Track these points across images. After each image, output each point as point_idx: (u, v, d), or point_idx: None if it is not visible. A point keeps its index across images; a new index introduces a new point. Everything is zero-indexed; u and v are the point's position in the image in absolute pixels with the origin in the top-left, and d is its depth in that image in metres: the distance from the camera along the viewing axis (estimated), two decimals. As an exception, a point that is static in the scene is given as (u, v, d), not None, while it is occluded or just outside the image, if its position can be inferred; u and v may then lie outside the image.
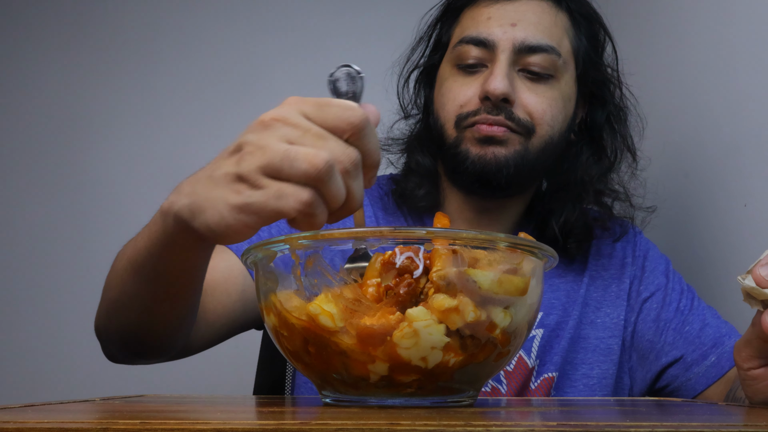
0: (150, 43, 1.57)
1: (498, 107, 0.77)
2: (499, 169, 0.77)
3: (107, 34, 1.57)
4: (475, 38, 0.80)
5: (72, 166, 1.51)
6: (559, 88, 0.81)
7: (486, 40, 0.79)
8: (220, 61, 1.56)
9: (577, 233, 0.84)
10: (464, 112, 0.79)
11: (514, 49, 0.78)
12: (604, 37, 0.88)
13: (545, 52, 0.79)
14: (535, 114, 0.79)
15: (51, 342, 1.42)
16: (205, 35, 1.57)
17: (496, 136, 0.77)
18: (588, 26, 0.86)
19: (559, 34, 0.81)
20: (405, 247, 0.45)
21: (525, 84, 0.79)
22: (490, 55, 0.80)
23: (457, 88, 0.81)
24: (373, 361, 0.42)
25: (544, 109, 0.79)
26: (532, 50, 0.78)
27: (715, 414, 0.45)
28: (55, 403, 0.46)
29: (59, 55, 1.56)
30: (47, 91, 1.54)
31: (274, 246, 0.45)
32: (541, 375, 0.81)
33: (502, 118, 0.77)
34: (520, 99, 0.78)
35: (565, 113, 0.82)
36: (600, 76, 0.86)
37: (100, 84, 1.54)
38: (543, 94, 0.79)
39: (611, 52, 0.89)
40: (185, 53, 1.56)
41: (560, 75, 0.81)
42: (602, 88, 0.87)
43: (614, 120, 0.87)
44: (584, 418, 0.43)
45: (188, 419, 0.34)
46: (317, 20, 1.59)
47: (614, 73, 0.88)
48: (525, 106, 0.78)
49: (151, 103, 1.53)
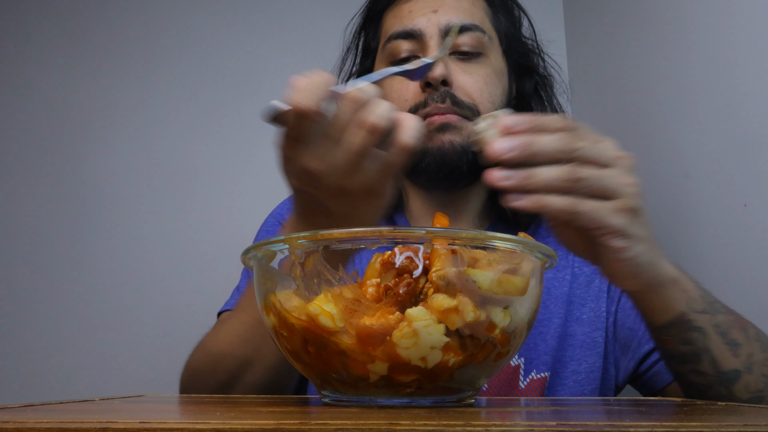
0: (150, 43, 1.57)
1: (441, 93, 0.79)
2: (459, 156, 0.79)
3: (107, 34, 1.57)
4: (402, 32, 0.83)
5: (72, 166, 1.51)
6: (490, 64, 0.83)
7: (413, 30, 0.82)
8: (220, 61, 1.56)
9: (524, 214, 0.85)
10: (413, 106, 0.80)
11: (441, 33, 0.81)
12: (519, 14, 0.92)
13: (470, 30, 0.82)
14: (474, 94, 0.80)
15: (51, 342, 1.42)
16: (205, 35, 1.57)
17: (449, 123, 0.78)
18: (502, 5, 0.89)
19: (479, 15, 0.84)
20: (404, 247, 0.45)
21: (458, 65, 0.81)
22: (420, 45, 0.82)
23: (398, 85, 0.82)
24: (372, 361, 0.42)
25: (480, 87, 0.81)
26: (458, 31, 0.81)
27: (715, 414, 0.45)
28: (54, 403, 0.46)
29: (59, 55, 1.56)
30: (47, 90, 1.54)
31: (274, 246, 0.46)
32: (529, 374, 0.81)
33: (449, 104, 0.78)
34: (457, 80, 0.80)
35: (501, 87, 0.84)
36: (523, 48, 0.90)
37: (99, 84, 1.54)
38: (476, 72, 0.81)
39: (528, 26, 0.93)
40: (185, 53, 1.56)
41: (488, 51, 0.83)
42: (526, 59, 0.90)
43: (540, 88, 0.91)
44: (584, 418, 0.43)
45: (188, 419, 0.34)
46: (317, 20, 1.59)
47: (534, 44, 0.92)
48: (462, 87, 0.80)
49: (150, 103, 1.53)
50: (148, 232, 1.45)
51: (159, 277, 1.43)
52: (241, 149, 1.48)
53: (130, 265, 1.44)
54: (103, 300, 1.41)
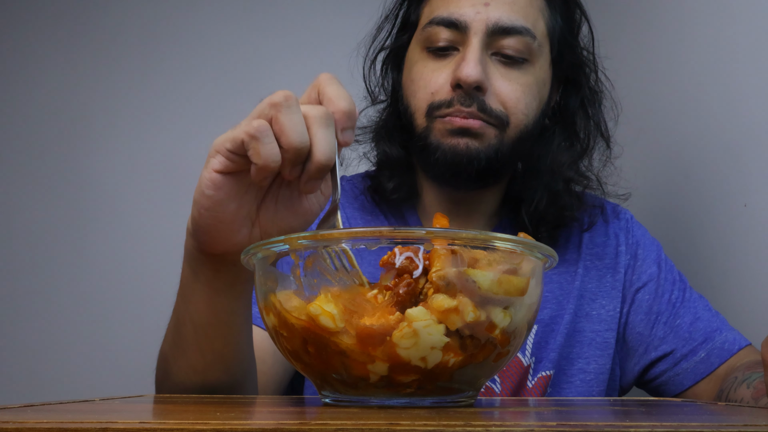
0: (150, 43, 1.57)
1: (471, 96, 0.74)
2: (470, 160, 0.74)
3: (107, 34, 1.57)
4: (445, 19, 0.76)
5: (72, 166, 1.51)
6: (534, 73, 0.77)
7: (458, 21, 0.75)
8: (220, 61, 1.56)
9: (548, 221, 0.81)
10: (436, 101, 0.76)
11: (488, 31, 0.74)
12: (581, 17, 0.84)
13: (520, 34, 0.75)
14: (509, 103, 0.75)
15: (51, 342, 1.42)
16: (205, 35, 1.57)
17: (471, 128, 0.74)
18: (564, 5, 0.82)
19: (534, 15, 0.77)
20: (404, 247, 0.45)
21: (498, 70, 0.76)
22: (462, 37, 0.75)
23: (428, 74, 0.77)
24: (372, 361, 0.42)
25: (518, 97, 0.75)
26: (507, 32, 0.74)
27: (715, 414, 0.45)
28: (54, 403, 0.46)
29: (59, 56, 1.56)
30: (47, 90, 1.54)
31: (274, 246, 0.46)
32: (537, 373, 0.80)
33: (475, 110, 0.73)
34: (494, 86, 0.75)
35: (539, 99, 0.79)
36: (575, 59, 0.83)
37: (99, 84, 1.54)
38: (517, 80, 0.76)
39: (587, 33, 0.85)
40: (185, 53, 1.56)
41: (535, 59, 0.77)
42: (577, 71, 0.83)
43: (588, 104, 0.84)
44: (584, 418, 0.43)
45: (187, 419, 0.34)
46: (317, 20, 1.59)
47: (590, 56, 0.85)
48: (498, 95, 0.75)
49: (150, 103, 1.53)
50: (148, 232, 1.45)
51: (159, 276, 1.43)
52: (241, 149, 1.48)
53: (130, 265, 1.44)
54: (103, 300, 1.41)
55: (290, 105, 0.45)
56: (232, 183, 0.49)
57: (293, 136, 0.45)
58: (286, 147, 0.46)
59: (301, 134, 0.45)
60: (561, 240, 0.84)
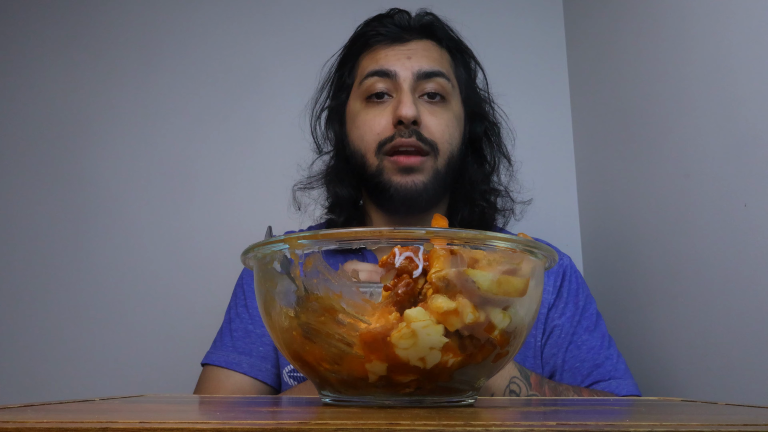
0: (150, 43, 1.57)
1: (409, 129, 0.90)
2: (419, 194, 0.90)
3: (107, 34, 1.57)
4: (379, 71, 0.94)
5: (72, 166, 1.51)
6: (452, 109, 0.95)
7: (389, 71, 0.93)
8: (220, 61, 1.56)
9: (476, 225, 0.98)
10: (383, 139, 0.91)
11: (414, 77, 0.92)
12: (475, 66, 1.05)
13: (438, 76, 0.94)
14: (437, 134, 0.92)
15: (51, 342, 1.42)
16: (205, 35, 1.57)
17: (413, 165, 0.90)
18: (462, 59, 1.02)
19: (445, 65, 0.97)
20: (404, 247, 0.45)
21: (426, 107, 0.93)
22: (394, 84, 0.93)
23: (371, 119, 0.93)
24: (371, 361, 0.42)
25: (443, 129, 0.92)
26: (428, 76, 0.93)
27: (715, 414, 0.45)
28: (54, 403, 0.46)
29: (59, 56, 1.56)
30: (46, 90, 1.54)
31: (274, 246, 0.46)
32: None
33: (414, 140, 0.89)
34: (424, 121, 0.91)
35: (459, 131, 0.96)
36: (477, 97, 1.03)
37: (99, 84, 1.54)
38: (441, 115, 0.93)
39: (483, 78, 1.07)
40: (185, 53, 1.56)
41: (451, 98, 0.95)
42: (479, 107, 1.02)
43: (490, 133, 1.04)
44: (584, 418, 0.43)
45: (187, 419, 0.34)
46: (318, 21, 1.59)
47: (487, 95, 1.06)
48: (428, 127, 0.91)
49: (150, 103, 1.53)
50: (148, 232, 1.45)
51: (159, 276, 1.43)
52: (241, 149, 1.49)
53: (130, 265, 1.44)
54: (103, 300, 1.41)
55: None
56: None
57: None
58: None
59: None
60: None
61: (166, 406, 0.48)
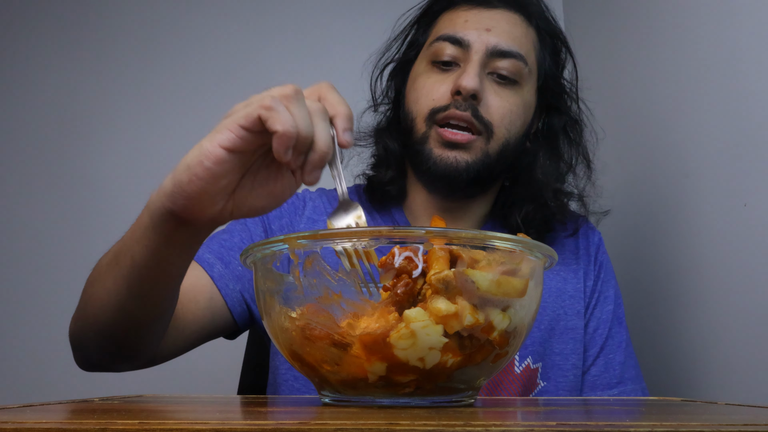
0: (150, 43, 1.57)
1: (467, 103, 0.82)
2: (459, 173, 0.83)
3: (107, 34, 1.57)
4: (451, 36, 0.86)
5: (71, 166, 1.51)
6: (522, 95, 0.87)
7: (462, 39, 0.85)
8: (219, 61, 1.56)
9: (536, 225, 0.90)
10: (437, 106, 0.84)
11: (487, 52, 0.84)
12: (566, 56, 0.95)
13: (514, 58, 0.85)
14: (496, 116, 0.84)
15: (50, 342, 1.41)
16: (205, 35, 1.57)
17: (459, 142, 0.82)
18: (552, 44, 0.92)
19: (527, 46, 0.87)
20: (404, 247, 0.45)
21: (492, 86, 0.85)
22: (464, 54, 0.85)
23: (431, 84, 0.86)
24: (370, 361, 0.42)
25: (504, 113, 0.84)
26: (503, 55, 0.84)
27: (715, 414, 0.45)
28: (53, 403, 0.46)
29: (59, 56, 1.56)
30: (46, 90, 1.54)
31: (274, 246, 0.45)
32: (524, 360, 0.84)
33: (468, 114, 0.82)
34: (486, 99, 0.84)
35: (523, 119, 0.87)
36: (558, 89, 0.93)
37: (99, 84, 1.54)
38: (507, 98, 0.85)
39: (572, 69, 0.96)
40: (185, 53, 1.56)
41: (524, 83, 0.86)
42: (559, 100, 0.93)
43: (570, 130, 0.94)
44: (584, 418, 0.43)
45: (187, 419, 0.34)
46: (318, 21, 1.59)
47: (572, 89, 0.95)
48: (489, 107, 0.84)
49: (150, 102, 1.53)
50: (148, 233, 1.45)
51: (159, 277, 1.43)
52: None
53: (130, 266, 1.43)
54: (103, 300, 1.41)
55: (299, 99, 0.49)
56: (233, 161, 0.50)
57: (302, 125, 0.48)
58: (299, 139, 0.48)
59: (309, 125, 0.48)
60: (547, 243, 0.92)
61: (165, 406, 0.48)
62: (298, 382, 0.83)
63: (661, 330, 1.03)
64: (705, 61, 0.94)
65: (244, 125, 0.48)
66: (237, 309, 0.81)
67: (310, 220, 0.90)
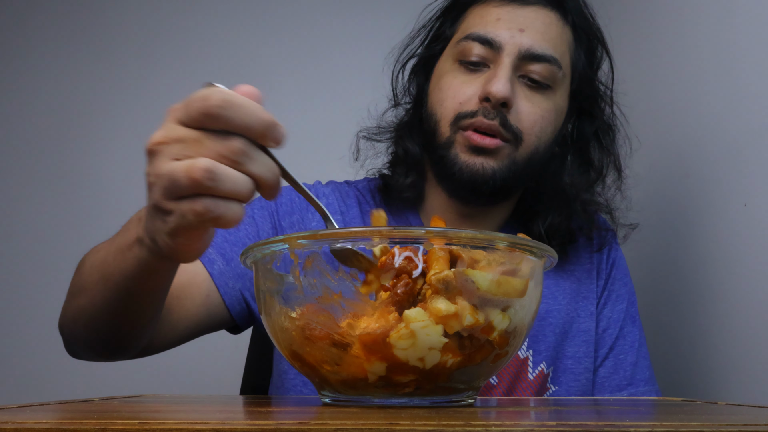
0: (149, 43, 1.57)
1: (496, 110, 0.77)
2: (485, 180, 0.78)
3: (106, 34, 1.57)
4: (482, 36, 0.79)
5: (71, 166, 1.51)
6: (554, 100, 0.81)
7: (493, 40, 0.79)
8: (219, 61, 1.56)
9: (560, 236, 0.85)
10: (463, 111, 0.78)
11: (519, 55, 0.78)
12: (602, 55, 0.88)
13: (548, 62, 0.79)
14: (526, 123, 0.79)
15: (50, 342, 1.41)
16: (205, 36, 1.57)
17: (487, 147, 0.77)
18: (588, 42, 0.86)
19: (562, 47, 0.82)
20: (404, 247, 0.45)
21: (523, 91, 0.79)
22: (495, 55, 0.79)
23: (457, 85, 0.80)
24: (370, 361, 0.42)
25: (535, 120, 0.79)
26: (536, 59, 0.78)
27: (715, 414, 0.45)
28: (53, 403, 0.46)
29: (59, 55, 1.56)
30: (46, 90, 1.54)
31: (274, 246, 0.45)
32: (538, 365, 0.82)
33: (496, 124, 0.77)
34: (517, 105, 0.78)
35: (554, 126, 0.82)
36: (592, 92, 0.87)
37: (99, 84, 1.54)
38: (539, 104, 0.79)
39: (608, 71, 0.89)
40: (185, 53, 1.56)
41: (557, 87, 0.81)
42: (593, 104, 0.87)
43: (602, 136, 0.88)
44: (584, 418, 0.43)
45: (187, 419, 0.34)
46: (318, 21, 1.59)
47: (607, 92, 0.89)
48: (519, 114, 0.78)
49: (150, 102, 1.53)
50: (148, 232, 1.45)
51: (159, 277, 1.43)
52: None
53: (130, 265, 1.43)
54: (103, 300, 1.41)
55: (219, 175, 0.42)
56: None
57: (242, 192, 0.43)
58: (243, 200, 0.43)
59: (245, 185, 0.43)
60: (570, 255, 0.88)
61: (166, 406, 0.48)
62: (307, 388, 0.80)
63: (661, 330, 1.03)
64: (705, 60, 0.94)
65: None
66: (236, 308, 0.78)
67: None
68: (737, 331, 0.84)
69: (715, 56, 0.91)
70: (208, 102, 0.43)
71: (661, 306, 1.03)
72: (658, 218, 1.05)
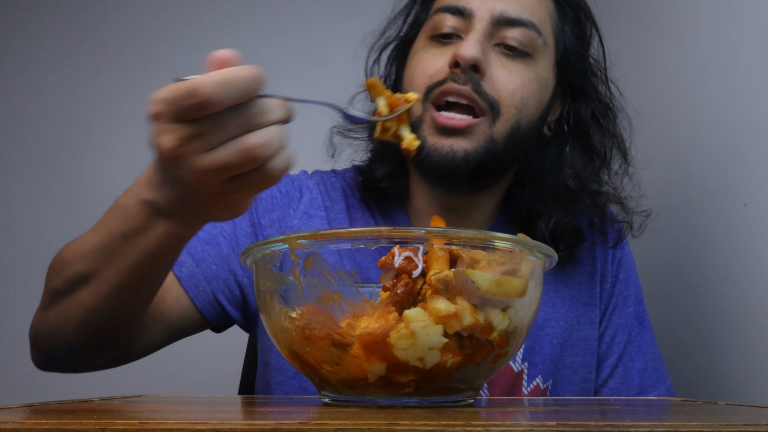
0: (150, 43, 1.57)
1: (467, 75, 0.71)
2: (456, 164, 0.71)
3: (107, 34, 1.57)
4: (452, 6, 0.74)
5: (72, 166, 1.51)
6: (536, 70, 0.74)
7: (463, 8, 0.74)
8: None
9: (568, 238, 0.78)
10: (433, 82, 0.72)
11: (492, 20, 0.73)
12: (591, 31, 0.83)
13: (524, 26, 0.73)
14: (504, 92, 0.72)
15: (51, 342, 1.42)
16: (205, 36, 1.57)
17: (456, 128, 0.71)
18: (574, 16, 0.80)
19: (541, 14, 0.76)
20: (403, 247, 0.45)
21: (499, 59, 0.73)
22: (467, 25, 0.73)
23: (428, 59, 0.74)
24: (370, 361, 0.42)
25: (514, 88, 0.72)
26: (511, 23, 0.73)
27: (715, 414, 0.45)
28: (53, 403, 0.46)
29: (59, 55, 1.56)
30: (47, 90, 1.54)
31: (274, 246, 0.45)
32: (532, 380, 0.77)
33: (468, 89, 0.70)
34: (491, 73, 0.72)
35: (538, 98, 0.75)
36: (581, 66, 0.80)
37: (99, 84, 1.54)
38: (517, 72, 0.73)
39: (598, 48, 0.83)
40: (185, 54, 1.56)
41: (538, 55, 0.75)
42: (584, 80, 0.80)
43: (601, 117, 0.81)
44: (584, 418, 0.43)
45: (186, 419, 0.34)
46: (318, 22, 1.59)
47: (599, 68, 0.82)
48: (494, 82, 0.72)
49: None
50: (148, 232, 1.45)
51: (159, 277, 1.43)
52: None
53: (130, 265, 1.43)
54: (103, 300, 1.41)
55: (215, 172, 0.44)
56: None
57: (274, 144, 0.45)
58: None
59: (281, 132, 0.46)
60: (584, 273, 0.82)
61: (165, 406, 0.48)
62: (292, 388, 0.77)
63: (661, 330, 1.03)
64: (705, 60, 0.94)
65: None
66: (209, 311, 0.74)
67: (305, 216, 0.79)
68: (737, 332, 0.84)
69: (716, 54, 0.91)
70: (202, 96, 0.44)
71: (661, 306, 1.03)
72: (658, 218, 1.05)
